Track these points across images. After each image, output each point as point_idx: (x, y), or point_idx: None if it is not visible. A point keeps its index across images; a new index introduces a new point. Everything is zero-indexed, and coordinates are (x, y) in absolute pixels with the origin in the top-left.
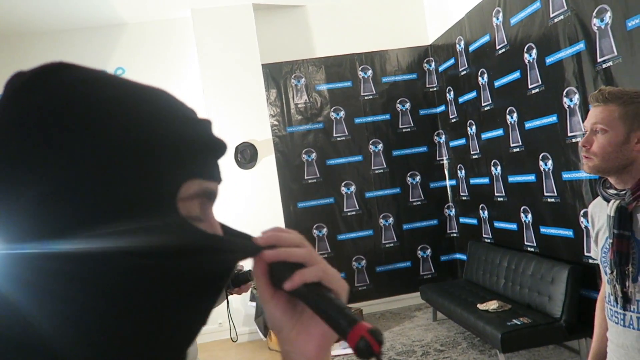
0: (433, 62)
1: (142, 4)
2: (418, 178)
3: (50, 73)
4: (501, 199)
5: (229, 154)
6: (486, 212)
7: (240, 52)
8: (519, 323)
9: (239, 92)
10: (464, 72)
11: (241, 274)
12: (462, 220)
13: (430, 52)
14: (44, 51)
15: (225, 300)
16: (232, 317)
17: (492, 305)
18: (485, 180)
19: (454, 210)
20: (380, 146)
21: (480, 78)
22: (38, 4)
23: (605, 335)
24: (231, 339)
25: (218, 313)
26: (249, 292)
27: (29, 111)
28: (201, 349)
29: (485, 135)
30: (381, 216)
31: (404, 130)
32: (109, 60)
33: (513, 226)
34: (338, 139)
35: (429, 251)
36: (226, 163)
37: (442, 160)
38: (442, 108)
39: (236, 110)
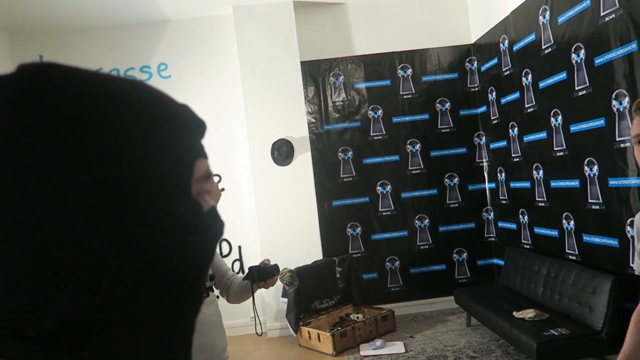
0: (475, 62)
1: (185, 1)
2: (456, 180)
3: (45, 74)
4: (542, 204)
5: (266, 150)
6: (526, 217)
7: (280, 49)
8: (556, 334)
9: (277, 89)
10: (507, 72)
11: (267, 268)
12: (500, 224)
13: (472, 51)
14: (92, 46)
15: (251, 294)
16: (259, 311)
17: (528, 313)
18: (526, 184)
19: (492, 214)
20: (417, 146)
21: (524, 78)
22: (89, 2)
23: (635, 350)
24: (256, 332)
25: (249, 307)
26: (282, 288)
27: (50, 112)
28: (233, 341)
29: (528, 138)
30: (417, 217)
31: (442, 130)
32: (152, 55)
33: (554, 233)
34: (375, 137)
35: (465, 255)
36: (262, 159)
37: (482, 162)
38: (483, 109)
39: (274, 107)
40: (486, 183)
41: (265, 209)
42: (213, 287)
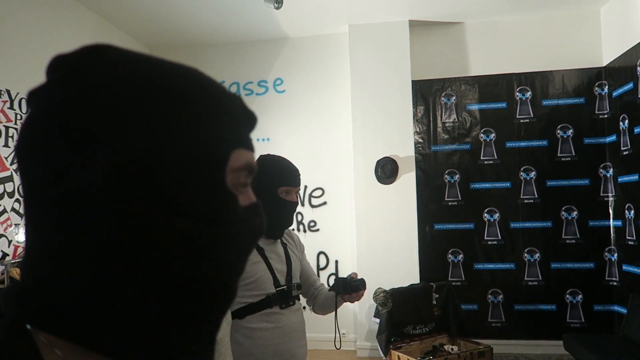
0: (606, 86)
1: (304, 20)
2: (575, 213)
3: (99, 54)
4: None
5: (370, 167)
6: None
7: (392, 68)
8: None
9: (386, 106)
10: None
11: (353, 282)
12: (625, 267)
13: (603, 74)
14: (217, 60)
15: (335, 306)
16: (350, 328)
17: None
18: None
19: (616, 255)
20: (532, 174)
21: None
22: (216, 19)
23: None
24: (335, 346)
25: (341, 323)
26: (375, 307)
27: (91, 89)
28: (321, 355)
29: None
30: (526, 250)
31: (562, 159)
32: (269, 70)
33: None
34: (485, 162)
35: (579, 297)
36: (366, 176)
37: (607, 196)
38: (612, 138)
39: (381, 125)
40: (611, 220)
41: (365, 226)
42: (300, 296)
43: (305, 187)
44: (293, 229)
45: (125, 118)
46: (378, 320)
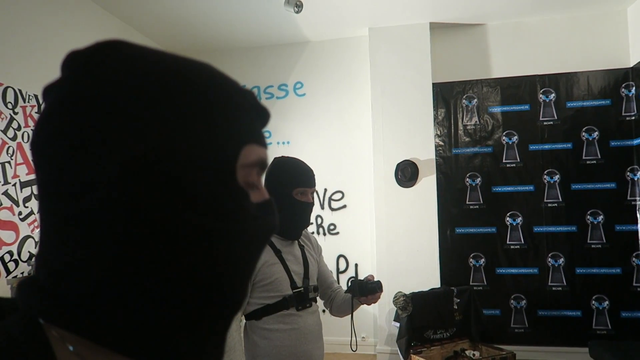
0: (633, 87)
1: (324, 23)
2: (601, 218)
3: (112, 49)
4: None
5: (390, 170)
6: None
7: (412, 71)
8: None
9: (406, 109)
10: None
11: (370, 284)
12: None
13: (630, 75)
14: (238, 64)
15: (351, 308)
16: (369, 332)
17: None
18: None
19: None
20: (556, 177)
21: None
22: (237, 24)
23: None
24: (351, 348)
25: (361, 327)
26: (395, 311)
27: (103, 84)
28: (339, 359)
29: None
30: (550, 255)
31: (588, 162)
32: (290, 74)
33: None
34: (508, 165)
35: (606, 303)
36: (386, 179)
37: (635, 200)
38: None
39: (401, 128)
40: (639, 224)
41: (385, 230)
42: (317, 298)
43: (325, 190)
44: (312, 232)
45: (138, 113)
46: (398, 325)
